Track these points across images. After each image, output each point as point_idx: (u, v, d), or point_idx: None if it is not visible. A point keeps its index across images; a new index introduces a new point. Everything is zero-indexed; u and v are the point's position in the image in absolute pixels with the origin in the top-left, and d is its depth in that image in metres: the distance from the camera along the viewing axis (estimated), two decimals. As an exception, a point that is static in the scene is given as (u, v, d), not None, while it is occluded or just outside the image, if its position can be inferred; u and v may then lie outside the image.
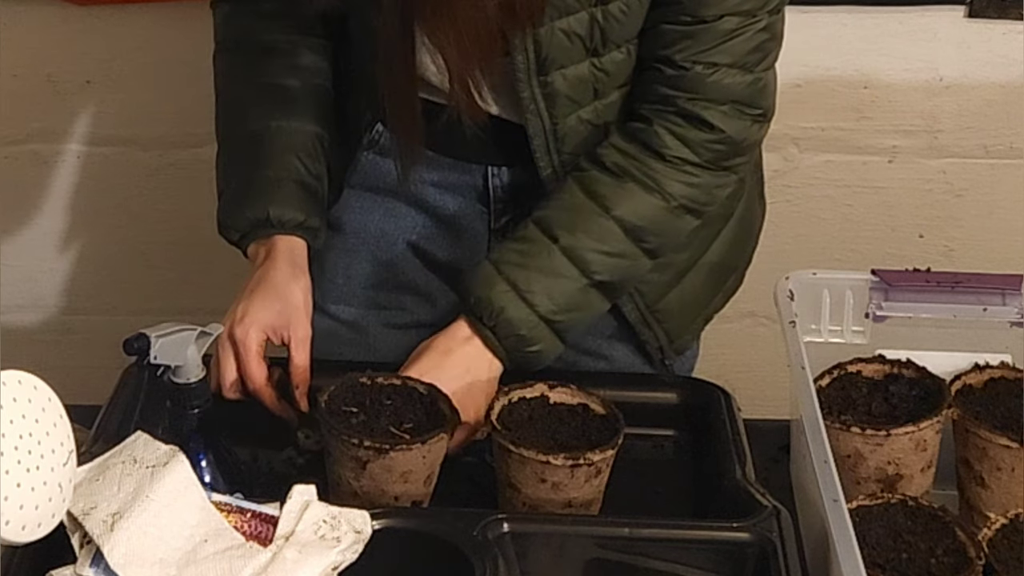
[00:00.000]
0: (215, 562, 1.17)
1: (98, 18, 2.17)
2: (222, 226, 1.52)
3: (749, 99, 1.45)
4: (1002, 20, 2.15)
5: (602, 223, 1.44)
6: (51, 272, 2.38)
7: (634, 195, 1.44)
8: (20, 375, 1.10)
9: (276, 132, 1.52)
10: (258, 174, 1.51)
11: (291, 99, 1.54)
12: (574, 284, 1.44)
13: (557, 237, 1.44)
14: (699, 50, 1.41)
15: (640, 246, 1.46)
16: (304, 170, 1.52)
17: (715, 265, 1.63)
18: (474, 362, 1.42)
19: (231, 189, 1.53)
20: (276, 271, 1.47)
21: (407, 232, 1.61)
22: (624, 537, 1.28)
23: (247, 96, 1.55)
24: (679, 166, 1.45)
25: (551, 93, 1.44)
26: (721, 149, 1.45)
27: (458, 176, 1.57)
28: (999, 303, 1.50)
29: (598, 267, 1.44)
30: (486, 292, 1.43)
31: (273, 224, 1.49)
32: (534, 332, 1.43)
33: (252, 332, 1.43)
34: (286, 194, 1.50)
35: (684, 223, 1.48)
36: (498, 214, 1.58)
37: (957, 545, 1.27)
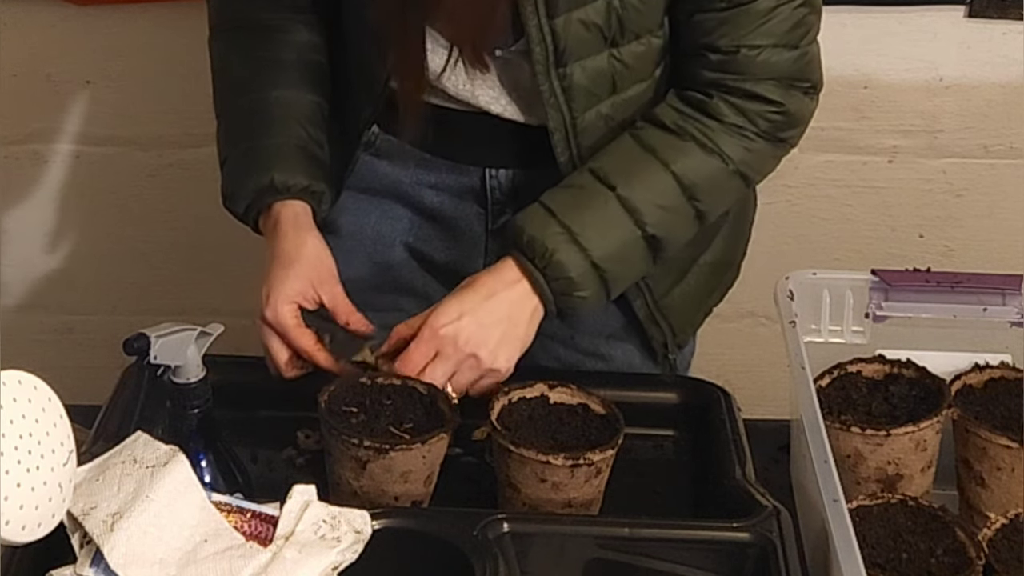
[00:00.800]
0: (215, 562, 1.17)
1: (98, 18, 2.17)
2: (227, 198, 1.52)
3: (798, 74, 1.45)
4: (1002, 20, 2.15)
5: (660, 176, 1.44)
6: (51, 272, 2.38)
7: (693, 153, 1.44)
8: (20, 375, 1.10)
9: (276, 101, 1.52)
10: (261, 143, 1.51)
11: (290, 71, 1.53)
12: (627, 234, 1.43)
13: (614, 186, 1.43)
14: (741, 34, 1.42)
15: (693, 204, 1.45)
16: (307, 136, 1.51)
17: (714, 261, 1.64)
18: (516, 307, 1.41)
19: (233, 159, 1.52)
20: (284, 239, 1.47)
21: (403, 234, 1.61)
22: (624, 537, 1.28)
23: (245, 70, 1.55)
24: (737, 131, 1.45)
25: (570, 86, 1.43)
26: (778, 119, 1.46)
27: (455, 178, 1.57)
28: (999, 303, 1.50)
29: (651, 219, 1.44)
30: (539, 232, 1.41)
31: (279, 190, 1.48)
32: (584, 277, 1.42)
33: (281, 308, 1.43)
34: (290, 160, 1.49)
35: (736, 188, 1.49)
36: (495, 215, 1.58)
37: (957, 545, 1.27)
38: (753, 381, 2.19)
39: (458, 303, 1.41)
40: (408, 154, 1.57)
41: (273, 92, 1.52)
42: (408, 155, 1.57)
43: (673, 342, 1.63)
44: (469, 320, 1.39)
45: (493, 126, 1.50)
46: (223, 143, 1.55)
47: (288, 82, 1.53)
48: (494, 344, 1.39)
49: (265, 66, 1.54)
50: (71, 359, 2.38)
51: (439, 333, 1.39)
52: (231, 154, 1.53)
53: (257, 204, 1.50)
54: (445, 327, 1.39)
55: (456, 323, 1.39)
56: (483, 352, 1.39)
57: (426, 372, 1.38)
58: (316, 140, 1.52)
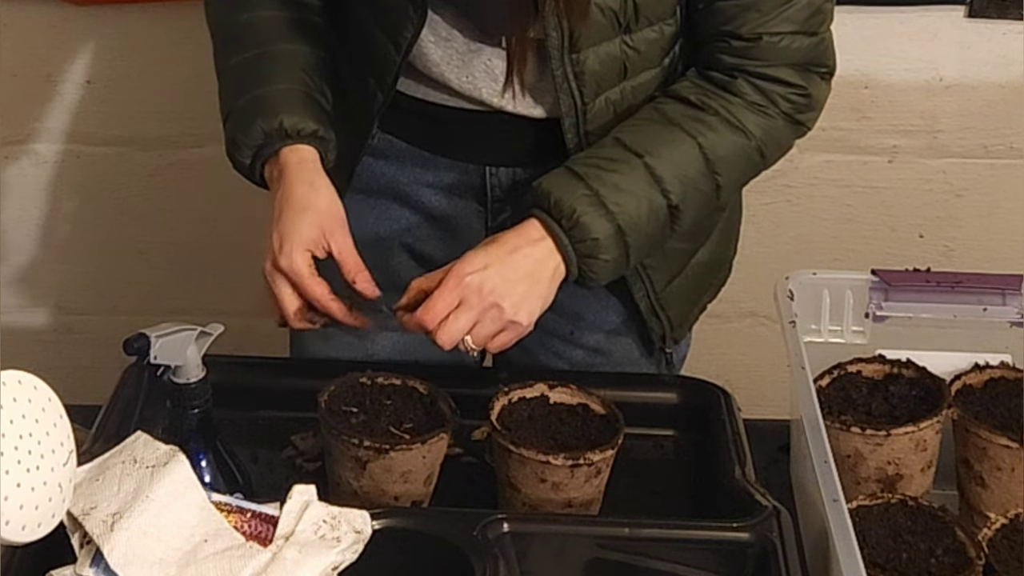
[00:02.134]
0: (215, 562, 1.17)
1: (98, 18, 2.17)
2: (232, 145, 1.48)
3: (816, 59, 1.47)
4: (1002, 20, 2.15)
5: (686, 149, 1.44)
6: (51, 272, 2.38)
7: (717, 128, 1.45)
8: (20, 375, 1.10)
9: (282, 52, 1.50)
10: (266, 89, 1.47)
11: (292, 27, 1.52)
12: (652, 202, 1.43)
13: (641, 154, 1.43)
14: (761, 20, 1.42)
15: (715, 178, 1.46)
16: (312, 84, 1.49)
17: (708, 260, 1.64)
18: (539, 264, 1.40)
19: (238, 110, 1.48)
20: (296, 184, 1.44)
21: (402, 235, 1.61)
22: (624, 537, 1.28)
23: (245, 28, 1.53)
24: (759, 109, 1.46)
25: (583, 72, 1.43)
26: (798, 100, 1.47)
27: (455, 176, 1.57)
28: (999, 303, 1.50)
29: (675, 189, 1.43)
30: (566, 194, 1.40)
31: (288, 133, 1.45)
32: (609, 240, 1.41)
33: (296, 255, 1.39)
34: (297, 105, 1.47)
35: (754, 165, 1.50)
36: (495, 213, 1.58)
37: (957, 545, 1.27)
38: (753, 381, 2.19)
39: (483, 254, 1.38)
40: (406, 153, 1.57)
41: (277, 45, 1.51)
42: (406, 155, 1.57)
43: (671, 336, 1.64)
44: (494, 271, 1.37)
45: (494, 123, 1.50)
46: (226, 98, 1.51)
47: (291, 37, 1.51)
48: (518, 297, 1.37)
49: (267, 22, 1.52)
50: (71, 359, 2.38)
51: (464, 281, 1.36)
52: (235, 106, 1.49)
53: (265, 150, 1.45)
54: (470, 275, 1.36)
55: (481, 272, 1.37)
56: (507, 303, 1.36)
57: (448, 320, 1.36)
58: (321, 90, 1.50)
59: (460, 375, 1.50)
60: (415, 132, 1.55)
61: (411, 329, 1.38)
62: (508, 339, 1.39)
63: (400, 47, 1.46)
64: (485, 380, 1.49)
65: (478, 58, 1.45)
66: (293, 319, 1.41)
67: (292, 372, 1.54)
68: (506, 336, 1.38)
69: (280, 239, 1.40)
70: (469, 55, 1.45)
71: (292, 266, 1.39)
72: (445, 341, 1.36)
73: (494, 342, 1.38)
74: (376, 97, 1.52)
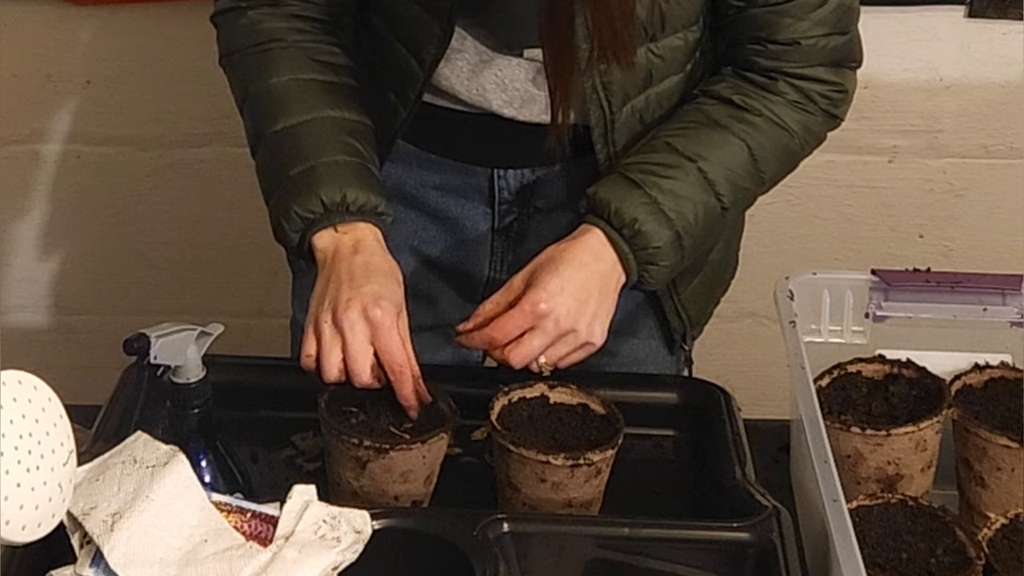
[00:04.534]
0: (215, 562, 1.17)
1: (98, 18, 2.17)
2: (282, 221, 1.39)
3: (849, 55, 1.49)
4: (1002, 20, 2.15)
5: (735, 151, 1.45)
6: (51, 272, 2.38)
7: (762, 128, 1.46)
8: (20, 375, 1.10)
9: (326, 120, 1.44)
10: (320, 158, 1.40)
11: (330, 91, 1.46)
12: (706, 206, 1.44)
13: (694, 158, 1.43)
14: (797, 25, 1.44)
15: (759, 175, 1.47)
16: (367, 156, 1.44)
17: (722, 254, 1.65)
18: (606, 279, 1.40)
19: (287, 180, 1.41)
20: (379, 258, 1.38)
21: (409, 237, 1.61)
22: (624, 537, 1.28)
23: (284, 93, 1.46)
24: (798, 107, 1.48)
25: (610, 81, 1.44)
26: (834, 96, 1.49)
27: (462, 179, 1.57)
28: (999, 303, 1.50)
29: (727, 192, 1.45)
30: (626, 204, 1.40)
31: (350, 209, 1.38)
32: (668, 247, 1.42)
33: (391, 313, 1.32)
34: (358, 177, 1.41)
35: (795, 160, 1.52)
36: (502, 215, 1.58)
37: (957, 545, 1.27)
38: (753, 381, 2.19)
39: (556, 277, 1.37)
40: (412, 156, 1.57)
41: (326, 112, 1.44)
42: (412, 157, 1.57)
43: (691, 333, 1.65)
44: (568, 296, 1.37)
45: (502, 127, 1.50)
46: (269, 172, 1.44)
47: (338, 105, 1.45)
48: (590, 317, 1.37)
49: (310, 87, 1.46)
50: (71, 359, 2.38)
51: (539, 308, 1.35)
52: (281, 177, 1.41)
53: (323, 222, 1.38)
54: (545, 302, 1.36)
55: (556, 298, 1.36)
56: (581, 326, 1.37)
57: (522, 342, 1.36)
58: (371, 159, 1.45)
59: (460, 375, 1.50)
60: (422, 135, 1.54)
61: (476, 345, 1.38)
62: (581, 357, 1.40)
63: (424, 63, 1.45)
64: (485, 380, 1.49)
65: (488, 69, 1.45)
66: (368, 372, 1.32)
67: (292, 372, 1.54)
68: (579, 355, 1.39)
69: (375, 293, 1.33)
70: (480, 66, 1.45)
71: (385, 320, 1.31)
72: (517, 362, 1.36)
73: (566, 360, 1.39)
74: (398, 113, 1.51)
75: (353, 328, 1.32)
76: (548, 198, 1.57)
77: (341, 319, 1.32)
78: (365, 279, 1.34)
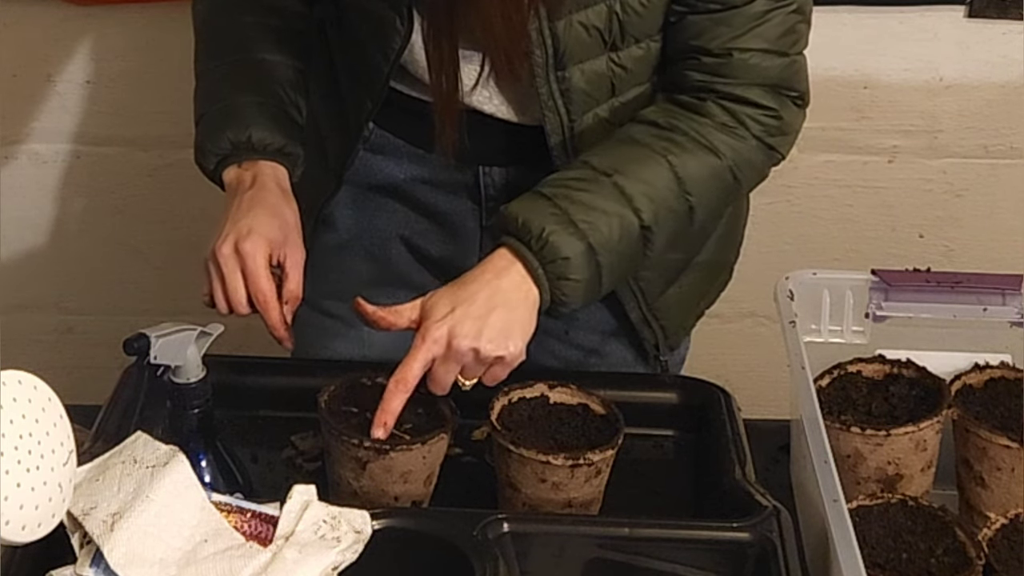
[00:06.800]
0: (215, 562, 1.17)
1: (98, 18, 2.17)
2: (200, 150, 1.50)
3: (786, 82, 1.44)
4: (1002, 20, 2.15)
5: (655, 168, 1.41)
6: (51, 272, 2.38)
7: (687, 148, 1.42)
8: (20, 375, 1.10)
9: (258, 63, 1.53)
10: (239, 99, 1.50)
11: (273, 36, 1.54)
12: (623, 221, 1.39)
13: (610, 173, 1.40)
14: (732, 36, 1.41)
15: (686, 198, 1.42)
16: (287, 99, 1.52)
17: (708, 263, 1.64)
18: (511, 293, 1.36)
19: (210, 116, 1.51)
20: (269, 193, 1.46)
21: (399, 228, 1.62)
22: (624, 537, 1.28)
23: (228, 32, 1.55)
24: (729, 130, 1.44)
25: (568, 89, 1.43)
26: (768, 123, 1.44)
27: (450, 174, 1.57)
28: (999, 303, 1.50)
29: (646, 209, 1.40)
30: (533, 215, 1.37)
31: (255, 147, 1.47)
32: (579, 259, 1.37)
33: (261, 246, 1.40)
34: (267, 118, 1.49)
35: (727, 187, 1.46)
36: (489, 212, 1.58)
37: (957, 545, 1.27)
38: (753, 381, 2.19)
39: (448, 298, 1.35)
40: (403, 150, 1.57)
41: (255, 54, 1.53)
42: (403, 151, 1.58)
43: (665, 344, 1.63)
44: (460, 314, 1.33)
45: (487, 124, 1.50)
46: (200, 100, 1.54)
47: (271, 47, 1.53)
48: (495, 332, 1.33)
49: (249, 29, 1.54)
50: (71, 359, 2.38)
51: (433, 336, 1.32)
52: (208, 111, 1.52)
53: (232, 158, 1.48)
54: (437, 326, 1.33)
55: (448, 319, 1.33)
56: (482, 344, 1.32)
57: (433, 374, 1.34)
58: (295, 105, 1.53)
59: (460, 375, 1.50)
60: (409, 129, 1.55)
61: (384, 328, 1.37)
62: (500, 373, 1.36)
63: (388, 57, 1.46)
64: (485, 380, 1.49)
65: (468, 64, 1.45)
66: (237, 304, 1.40)
67: (292, 372, 1.54)
68: (497, 371, 1.35)
69: (248, 228, 1.41)
70: (460, 61, 1.45)
71: (255, 253, 1.40)
72: (436, 390, 1.35)
73: (487, 377, 1.36)
74: (364, 105, 1.53)
75: (226, 263, 1.40)
76: None
77: (217, 254, 1.41)
78: (245, 213, 1.43)
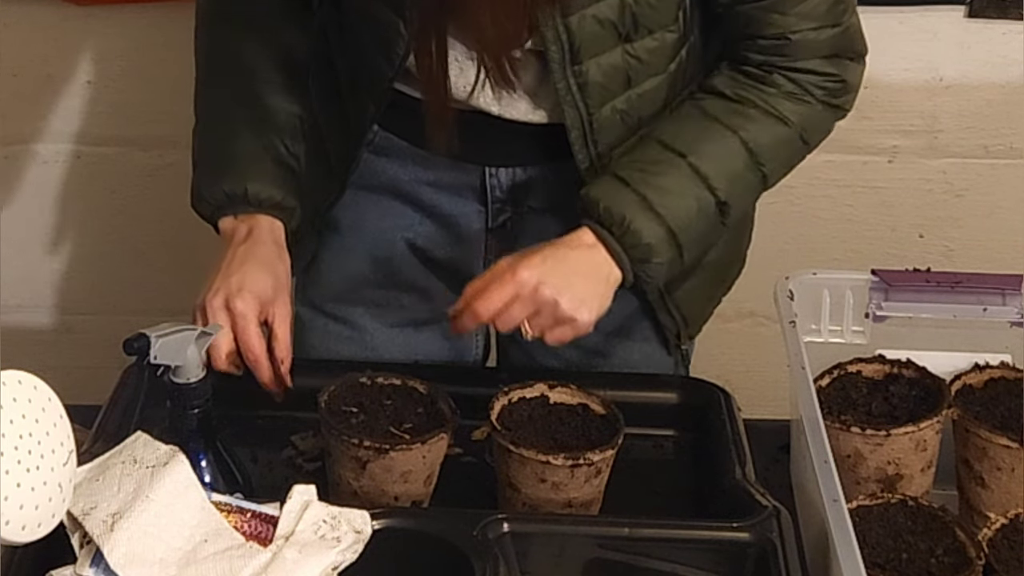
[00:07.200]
0: (215, 562, 1.17)
1: (98, 18, 2.17)
2: (196, 198, 1.51)
3: (844, 47, 1.48)
4: (1002, 20, 2.15)
5: (728, 143, 1.45)
6: (51, 272, 2.38)
7: (757, 119, 1.46)
8: (20, 375, 1.10)
9: (256, 110, 1.52)
10: (236, 149, 1.51)
11: (271, 79, 1.53)
12: (700, 200, 1.43)
13: (684, 154, 1.43)
14: (785, 22, 1.43)
15: (760, 169, 1.46)
16: (284, 150, 1.52)
17: (724, 254, 1.64)
18: (596, 267, 1.40)
19: (207, 161, 1.52)
20: (262, 247, 1.46)
21: (404, 230, 1.61)
22: (624, 537, 1.28)
23: (228, 72, 1.55)
24: (795, 98, 1.47)
25: (585, 83, 1.43)
26: (831, 86, 1.48)
27: (455, 176, 1.57)
28: (999, 303, 1.50)
29: (721, 186, 1.44)
30: (614, 201, 1.41)
31: (250, 201, 1.48)
32: (661, 243, 1.41)
33: (252, 303, 1.41)
34: (264, 171, 1.50)
35: (797, 151, 1.51)
36: (495, 213, 1.58)
37: (957, 545, 1.27)
38: (753, 381, 2.19)
39: (540, 252, 1.38)
40: (407, 152, 1.57)
41: (256, 98, 1.53)
42: (407, 153, 1.57)
43: (685, 332, 1.64)
44: (551, 267, 1.36)
45: (492, 124, 1.50)
46: (198, 143, 1.55)
47: (272, 89, 1.53)
48: (575, 293, 1.36)
49: (248, 69, 1.54)
50: (71, 359, 2.38)
51: (521, 277, 1.35)
52: (205, 157, 1.53)
53: (227, 209, 1.49)
54: (527, 269, 1.35)
55: (539, 267, 1.36)
56: (564, 300, 1.35)
57: (504, 312, 1.35)
58: (293, 153, 1.53)
59: (460, 375, 1.50)
60: (415, 131, 1.55)
61: (466, 327, 1.37)
62: (566, 335, 1.38)
63: (392, 63, 1.46)
64: (485, 380, 1.49)
65: (472, 64, 1.45)
66: (223, 360, 1.40)
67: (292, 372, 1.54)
68: (564, 331, 1.38)
69: (239, 283, 1.42)
70: (468, 64, 1.44)
71: (246, 310, 1.40)
72: (502, 327, 1.36)
73: (552, 335, 1.38)
74: (368, 109, 1.53)
75: (215, 317, 1.40)
76: (541, 198, 1.57)
77: (206, 307, 1.41)
78: (238, 268, 1.43)
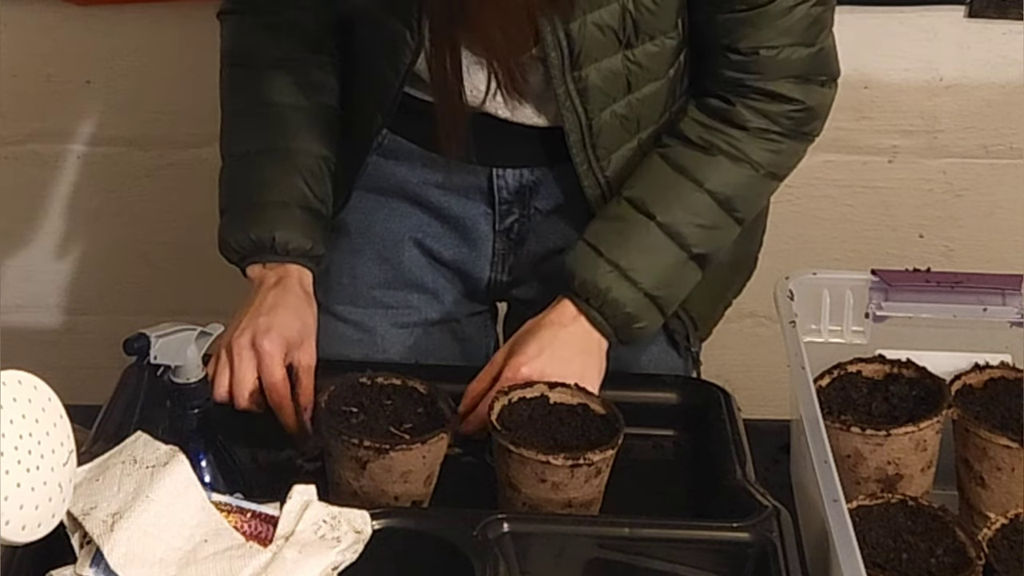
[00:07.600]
0: (215, 562, 1.17)
1: (98, 18, 2.17)
2: (223, 244, 1.53)
3: (815, 69, 1.48)
4: (1002, 20, 2.15)
5: (696, 197, 1.47)
6: (51, 272, 2.38)
7: (723, 166, 1.47)
8: (20, 375, 1.10)
9: (283, 154, 1.52)
10: (263, 196, 1.51)
11: (298, 120, 1.54)
12: (674, 259, 1.47)
13: (654, 214, 1.46)
14: (761, 35, 1.44)
15: (732, 215, 1.49)
16: (311, 195, 1.52)
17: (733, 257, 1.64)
18: (584, 341, 1.45)
19: (234, 208, 1.53)
20: (291, 295, 1.47)
21: (412, 231, 1.61)
22: (624, 537, 1.28)
23: (253, 115, 1.55)
24: (762, 135, 1.48)
25: (585, 88, 1.44)
26: (800, 116, 1.49)
27: (463, 177, 1.57)
28: (999, 303, 1.50)
29: (694, 240, 1.47)
30: (591, 274, 1.44)
31: (278, 250, 1.49)
32: (640, 309, 1.45)
33: (279, 344, 1.42)
34: (292, 219, 1.50)
35: (769, 188, 1.53)
36: (503, 215, 1.58)
37: (957, 545, 1.27)
38: (753, 381, 2.19)
39: (534, 341, 1.43)
40: (415, 154, 1.57)
41: (280, 144, 1.53)
42: (415, 155, 1.57)
43: (695, 335, 1.65)
44: (549, 355, 1.41)
45: (499, 127, 1.50)
46: (225, 189, 1.55)
47: (296, 134, 1.53)
48: (576, 372, 1.41)
49: (274, 113, 1.54)
50: (71, 359, 2.38)
51: (521, 372, 1.41)
52: (232, 204, 1.54)
53: (255, 256, 1.50)
54: (527, 365, 1.41)
55: (536, 360, 1.41)
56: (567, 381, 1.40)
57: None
58: (320, 197, 1.53)
59: (460, 375, 1.50)
60: (423, 134, 1.55)
61: (474, 430, 1.41)
62: None
63: (399, 72, 1.47)
64: (485, 380, 1.49)
65: (482, 71, 1.45)
66: (245, 398, 1.41)
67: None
68: None
69: (267, 324, 1.42)
70: (474, 67, 1.44)
71: (273, 350, 1.41)
72: None
73: None
74: (375, 118, 1.54)
75: (240, 355, 1.41)
76: (548, 199, 1.57)
77: (232, 346, 1.41)
78: (267, 311, 1.44)
